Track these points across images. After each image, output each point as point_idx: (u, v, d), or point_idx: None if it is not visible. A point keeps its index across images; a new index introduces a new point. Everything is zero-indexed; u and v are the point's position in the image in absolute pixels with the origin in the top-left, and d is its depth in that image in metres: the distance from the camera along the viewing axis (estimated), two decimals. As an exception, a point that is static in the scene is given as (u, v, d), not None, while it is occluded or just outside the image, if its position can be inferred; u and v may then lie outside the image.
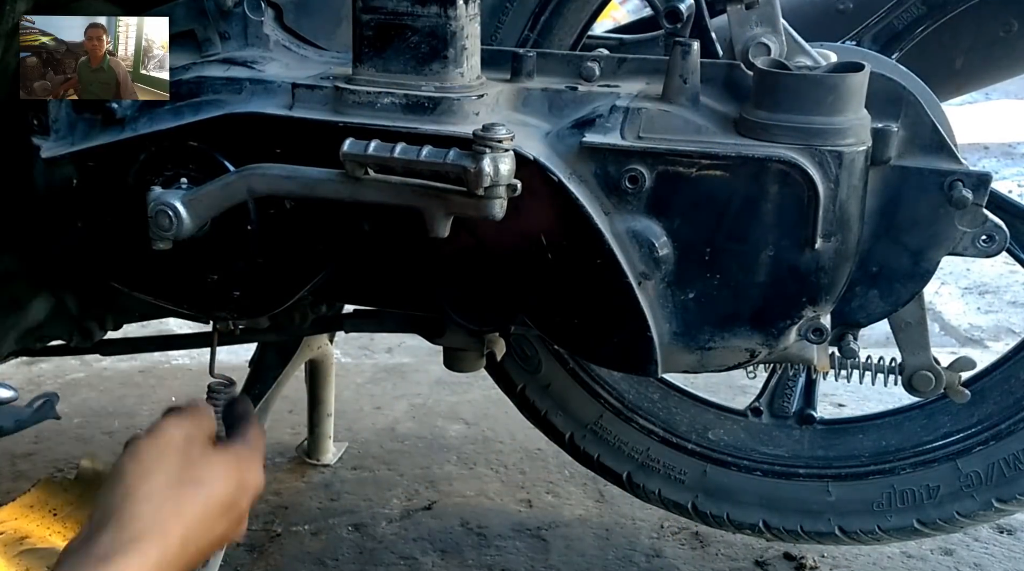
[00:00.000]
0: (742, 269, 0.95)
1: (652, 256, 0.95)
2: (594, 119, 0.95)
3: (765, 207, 0.93)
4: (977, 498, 1.28)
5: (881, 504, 1.31)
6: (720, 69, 0.98)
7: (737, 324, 0.98)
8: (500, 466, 1.82)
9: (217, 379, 1.06)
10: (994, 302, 2.58)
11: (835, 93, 0.90)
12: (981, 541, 1.58)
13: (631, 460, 1.39)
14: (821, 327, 0.97)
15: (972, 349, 2.27)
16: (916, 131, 0.99)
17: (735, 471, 1.36)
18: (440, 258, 1.00)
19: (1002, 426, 1.27)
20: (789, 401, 1.39)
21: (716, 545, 1.58)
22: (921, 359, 1.15)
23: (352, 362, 2.27)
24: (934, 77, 1.19)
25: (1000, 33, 1.30)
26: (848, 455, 1.35)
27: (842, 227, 0.93)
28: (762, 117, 0.92)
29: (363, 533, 1.62)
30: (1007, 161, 3.65)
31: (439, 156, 0.86)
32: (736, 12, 0.96)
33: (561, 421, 1.41)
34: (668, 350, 0.99)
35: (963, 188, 0.98)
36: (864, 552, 1.55)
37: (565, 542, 1.60)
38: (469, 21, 0.96)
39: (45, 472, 1.77)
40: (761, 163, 0.91)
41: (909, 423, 1.36)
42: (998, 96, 4.19)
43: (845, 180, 0.91)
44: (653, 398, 1.41)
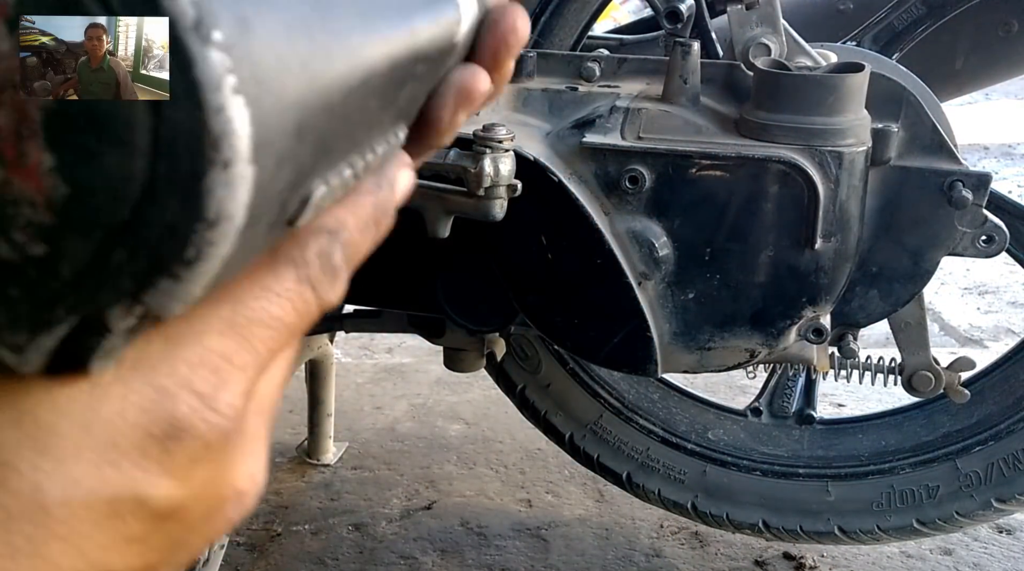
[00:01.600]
0: (742, 269, 0.95)
1: (652, 256, 0.95)
2: (594, 119, 0.95)
3: (765, 207, 0.93)
4: (976, 498, 1.28)
5: (880, 504, 1.31)
6: (720, 69, 0.98)
7: (737, 324, 0.98)
8: (500, 466, 1.82)
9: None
10: (994, 302, 2.58)
11: (835, 93, 0.90)
12: (980, 541, 1.58)
13: (631, 460, 1.39)
14: (821, 327, 0.97)
15: (972, 349, 2.27)
16: (916, 131, 0.99)
17: (735, 471, 1.37)
18: (440, 257, 1.00)
19: (1002, 426, 1.27)
20: (789, 401, 1.39)
21: (716, 545, 1.58)
22: (921, 359, 1.15)
23: (352, 362, 2.27)
24: (934, 77, 1.19)
25: (1000, 33, 1.30)
26: (848, 455, 1.35)
27: (842, 227, 0.93)
28: (762, 117, 0.92)
29: (363, 533, 1.62)
30: (1007, 161, 3.65)
31: (439, 156, 0.86)
32: (736, 12, 0.97)
33: (561, 421, 1.41)
34: (668, 350, 0.99)
35: (963, 188, 0.98)
36: (863, 552, 1.55)
37: (565, 542, 1.60)
38: (469, 21, 0.96)
39: (45, 472, 1.77)
40: (761, 163, 0.91)
41: (909, 423, 1.36)
42: (998, 96, 4.19)
43: (845, 180, 0.91)
44: (653, 398, 1.41)
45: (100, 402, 0.28)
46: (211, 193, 0.24)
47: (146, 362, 0.29)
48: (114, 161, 0.24)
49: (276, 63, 0.25)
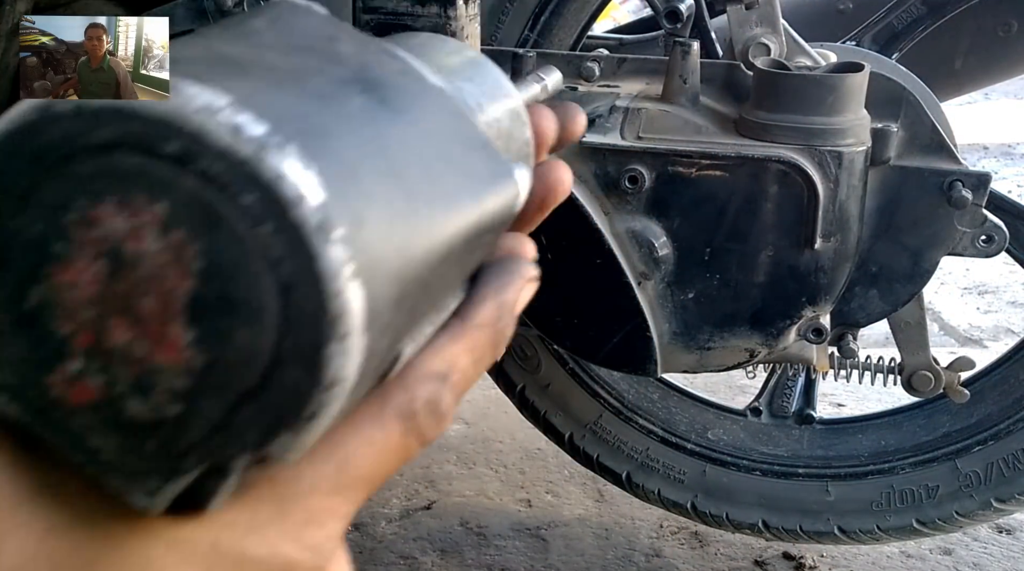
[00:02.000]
0: (742, 269, 0.95)
1: (652, 256, 0.95)
2: (594, 119, 0.95)
3: (765, 207, 0.93)
4: (976, 498, 1.28)
5: (880, 504, 1.32)
6: (720, 69, 0.98)
7: (736, 324, 0.98)
8: (499, 466, 1.82)
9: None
10: (994, 302, 2.58)
11: (835, 93, 0.90)
12: (980, 541, 1.58)
13: (631, 460, 1.39)
14: (820, 327, 0.97)
15: (971, 349, 2.27)
16: (916, 131, 0.99)
17: (734, 471, 1.37)
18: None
19: (1001, 426, 1.27)
20: (788, 401, 1.40)
21: (715, 545, 1.58)
22: (920, 359, 1.15)
23: (352, 362, 2.26)
24: (934, 77, 1.19)
25: (1000, 33, 1.30)
26: (847, 455, 1.35)
27: (841, 227, 0.93)
28: (762, 117, 0.92)
29: (363, 532, 1.62)
30: (1007, 161, 3.65)
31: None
32: (736, 12, 0.97)
33: (561, 421, 1.41)
34: (668, 350, 0.99)
35: (963, 188, 0.98)
36: (863, 552, 1.55)
37: (564, 542, 1.60)
38: (469, 21, 0.96)
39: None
40: (761, 163, 0.91)
41: (908, 423, 1.36)
42: (998, 96, 4.19)
43: (845, 180, 0.91)
44: (652, 398, 1.41)
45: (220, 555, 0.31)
46: (329, 362, 0.29)
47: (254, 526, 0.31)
48: (246, 338, 0.28)
49: (382, 248, 0.30)
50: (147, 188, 0.28)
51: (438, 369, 0.35)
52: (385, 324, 0.31)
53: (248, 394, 0.29)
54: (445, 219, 0.34)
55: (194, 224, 0.28)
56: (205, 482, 0.30)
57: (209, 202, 0.27)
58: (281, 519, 0.31)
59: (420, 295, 0.34)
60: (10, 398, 0.29)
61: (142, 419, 0.29)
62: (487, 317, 0.37)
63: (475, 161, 0.38)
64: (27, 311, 0.29)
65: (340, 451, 0.33)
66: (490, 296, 0.39)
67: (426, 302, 0.35)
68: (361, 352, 0.30)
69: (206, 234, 0.28)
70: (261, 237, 0.28)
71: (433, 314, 0.37)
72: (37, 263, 0.29)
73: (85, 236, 0.28)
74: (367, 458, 0.33)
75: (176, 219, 0.28)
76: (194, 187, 0.27)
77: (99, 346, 0.29)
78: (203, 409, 0.29)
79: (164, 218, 0.28)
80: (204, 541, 0.30)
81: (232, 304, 0.28)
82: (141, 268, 0.28)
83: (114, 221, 0.28)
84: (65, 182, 0.28)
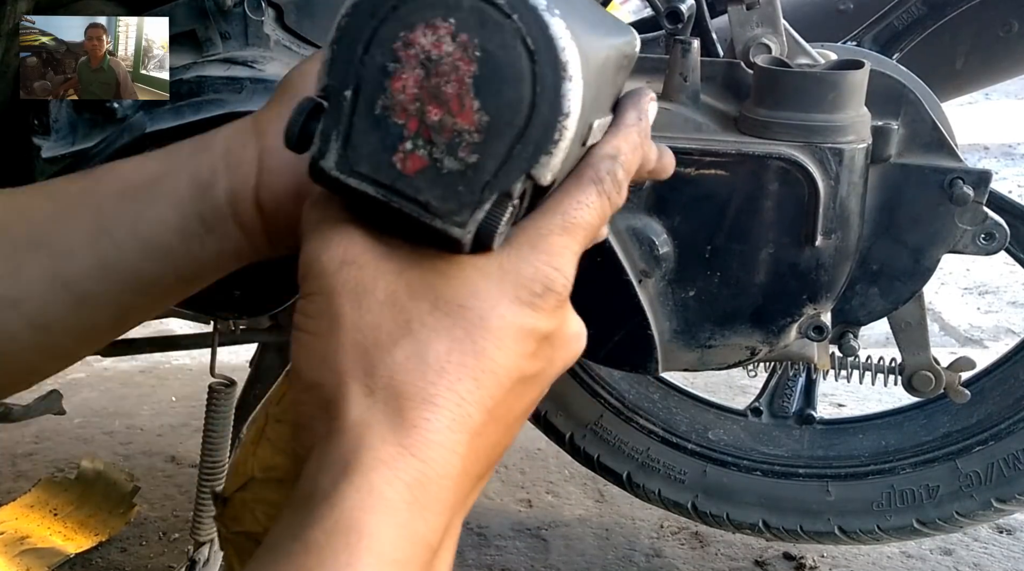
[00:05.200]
0: (742, 267, 0.95)
1: (652, 254, 0.95)
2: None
3: (765, 205, 0.93)
4: (976, 498, 1.28)
5: (881, 504, 1.31)
6: (720, 67, 0.98)
7: (737, 322, 0.98)
8: (500, 466, 1.82)
9: (217, 379, 1.06)
10: (994, 302, 2.58)
11: (835, 90, 0.90)
12: (980, 541, 1.58)
13: (631, 460, 1.39)
14: (821, 325, 0.97)
15: (972, 349, 2.27)
16: (916, 129, 0.99)
17: (735, 471, 1.37)
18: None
19: (1002, 426, 1.27)
20: (789, 401, 1.39)
21: (716, 545, 1.58)
22: (921, 359, 1.15)
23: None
24: (934, 77, 1.19)
25: (1000, 33, 1.30)
26: (848, 455, 1.35)
27: (842, 225, 0.93)
28: (762, 115, 0.92)
29: (363, 533, 1.62)
30: (1007, 161, 3.64)
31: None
32: (737, 12, 0.96)
33: (561, 421, 1.41)
34: (668, 348, 0.99)
35: (963, 185, 0.98)
36: (864, 552, 1.55)
37: (565, 542, 1.60)
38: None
39: (45, 472, 1.77)
40: (761, 161, 0.91)
41: (909, 423, 1.36)
42: (998, 96, 4.19)
43: (845, 177, 0.91)
44: (653, 398, 1.41)
45: (505, 272, 0.48)
46: (565, 95, 0.45)
47: (521, 255, 0.48)
48: (513, 94, 0.44)
49: (579, 40, 0.45)
50: (442, 11, 0.44)
51: (610, 152, 0.53)
52: (588, 84, 0.46)
53: (518, 135, 0.44)
54: (606, 40, 0.52)
55: (472, 27, 0.44)
56: (496, 210, 0.45)
57: (479, 9, 0.44)
58: (535, 252, 0.48)
59: (598, 86, 0.50)
60: (367, 181, 0.45)
61: (454, 170, 0.44)
62: (631, 118, 0.56)
63: (613, 21, 0.58)
64: (377, 115, 0.45)
65: (561, 206, 0.50)
66: (631, 106, 0.58)
67: (600, 95, 0.52)
68: (581, 89, 0.45)
69: (480, 31, 0.44)
70: (513, 23, 0.44)
71: (600, 114, 0.53)
72: (380, 81, 0.44)
73: (407, 53, 0.44)
74: (579, 210, 0.50)
75: (462, 27, 0.44)
76: (469, 2, 0.44)
77: (422, 126, 0.44)
78: (492, 152, 0.44)
79: (454, 28, 0.44)
80: (494, 264, 0.47)
81: (501, 74, 0.44)
82: (443, 64, 0.44)
83: (424, 39, 0.44)
84: (392, 22, 0.44)
